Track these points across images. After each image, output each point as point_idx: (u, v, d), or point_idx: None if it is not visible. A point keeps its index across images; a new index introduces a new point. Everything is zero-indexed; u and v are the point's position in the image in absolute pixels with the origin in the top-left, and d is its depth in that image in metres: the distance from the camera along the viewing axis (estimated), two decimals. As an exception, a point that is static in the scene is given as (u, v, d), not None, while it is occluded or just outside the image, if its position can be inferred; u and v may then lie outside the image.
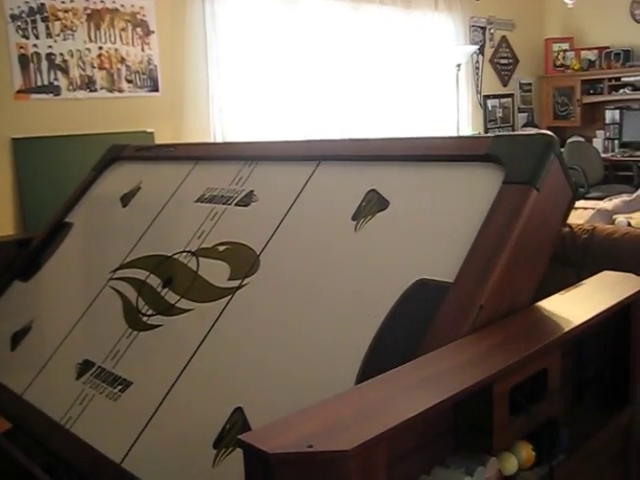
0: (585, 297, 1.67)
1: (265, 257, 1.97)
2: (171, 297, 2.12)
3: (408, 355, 1.36)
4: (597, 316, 1.51)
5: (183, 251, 2.22)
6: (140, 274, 2.29)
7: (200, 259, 2.15)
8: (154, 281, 2.22)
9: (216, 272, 2.06)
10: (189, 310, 2.02)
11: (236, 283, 1.96)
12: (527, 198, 1.53)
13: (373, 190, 1.88)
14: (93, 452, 1.75)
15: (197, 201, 2.38)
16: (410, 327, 1.48)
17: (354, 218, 1.85)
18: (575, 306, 1.59)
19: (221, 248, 2.12)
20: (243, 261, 2.01)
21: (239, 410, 1.59)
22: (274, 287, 1.89)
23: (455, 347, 1.34)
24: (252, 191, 2.23)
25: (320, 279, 1.79)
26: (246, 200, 2.21)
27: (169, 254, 2.27)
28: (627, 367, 1.71)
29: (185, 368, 1.82)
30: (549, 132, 1.58)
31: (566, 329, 1.43)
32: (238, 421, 1.57)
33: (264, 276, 1.93)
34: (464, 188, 1.72)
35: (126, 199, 2.73)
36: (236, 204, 2.23)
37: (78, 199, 2.98)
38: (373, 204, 1.85)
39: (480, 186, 1.66)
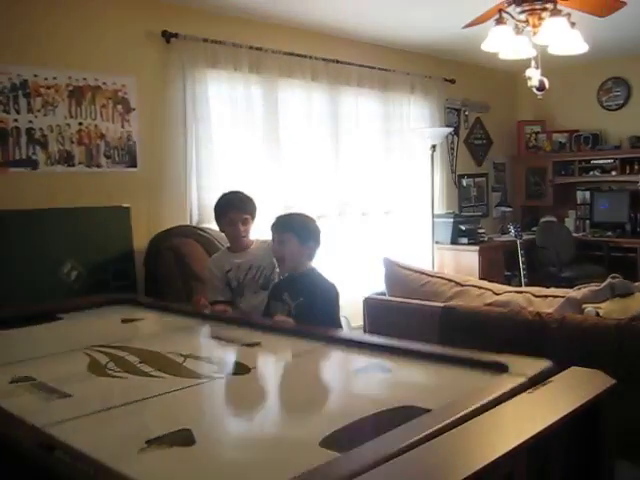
0: (553, 397, 1.67)
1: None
2: (145, 367, 2.13)
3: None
4: (564, 418, 1.51)
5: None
6: (120, 353, 2.30)
7: (189, 359, 2.21)
8: (132, 358, 2.23)
9: (202, 364, 2.15)
10: (158, 377, 2.04)
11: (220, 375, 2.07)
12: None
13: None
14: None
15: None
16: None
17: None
18: (542, 408, 1.59)
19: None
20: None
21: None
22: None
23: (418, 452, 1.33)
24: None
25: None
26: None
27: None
28: (596, 468, 1.71)
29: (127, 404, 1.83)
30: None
31: (532, 433, 1.43)
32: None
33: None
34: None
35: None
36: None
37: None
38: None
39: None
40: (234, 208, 3.28)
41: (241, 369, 2.18)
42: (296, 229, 2.88)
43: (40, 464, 1.46)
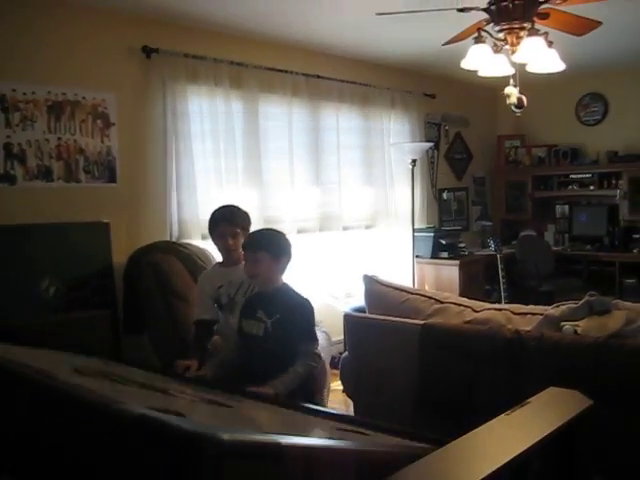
0: (531, 418, 1.68)
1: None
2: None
3: None
4: (542, 440, 1.52)
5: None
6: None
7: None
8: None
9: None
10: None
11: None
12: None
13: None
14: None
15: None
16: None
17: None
18: (520, 430, 1.59)
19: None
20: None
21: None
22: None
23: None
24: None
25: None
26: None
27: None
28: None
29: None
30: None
31: (511, 455, 1.43)
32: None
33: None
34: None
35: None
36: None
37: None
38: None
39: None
40: (224, 221, 3.25)
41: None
42: (269, 247, 2.86)
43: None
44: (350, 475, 1.47)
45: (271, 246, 2.87)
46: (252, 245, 2.91)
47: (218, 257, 3.48)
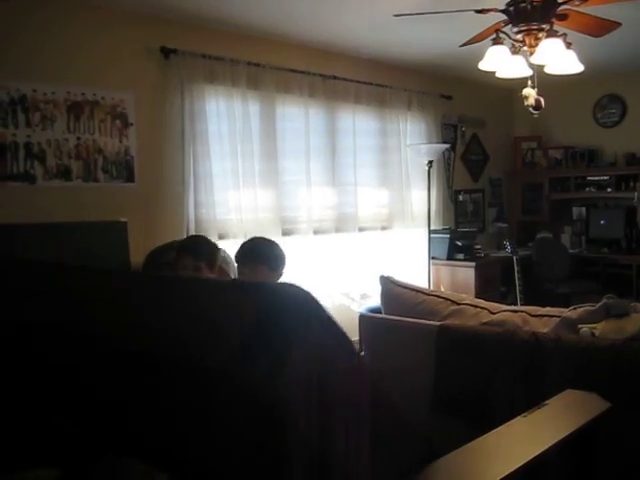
0: (548, 421, 1.68)
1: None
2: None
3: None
4: (559, 442, 1.52)
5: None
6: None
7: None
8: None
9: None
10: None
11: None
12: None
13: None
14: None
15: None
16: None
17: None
18: (537, 432, 1.60)
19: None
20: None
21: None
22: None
23: None
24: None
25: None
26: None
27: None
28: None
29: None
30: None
31: (528, 457, 1.43)
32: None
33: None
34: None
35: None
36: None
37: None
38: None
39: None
40: (185, 252, 3.04)
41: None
42: (267, 259, 2.78)
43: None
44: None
45: (268, 259, 2.80)
46: (248, 259, 2.80)
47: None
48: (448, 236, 6.51)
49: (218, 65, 4.84)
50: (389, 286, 3.46)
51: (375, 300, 3.71)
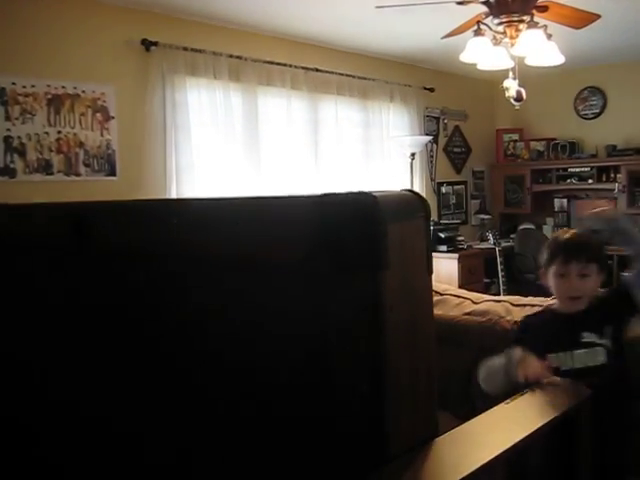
0: (528, 407, 1.69)
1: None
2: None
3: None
4: (539, 429, 1.53)
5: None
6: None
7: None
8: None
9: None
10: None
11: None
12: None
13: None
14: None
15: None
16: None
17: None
18: (519, 418, 1.61)
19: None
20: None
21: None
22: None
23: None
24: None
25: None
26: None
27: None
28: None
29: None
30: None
31: (510, 444, 1.44)
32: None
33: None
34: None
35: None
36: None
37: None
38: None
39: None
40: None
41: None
42: (598, 256, 2.16)
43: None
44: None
45: (599, 256, 2.17)
46: (583, 254, 2.12)
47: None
48: (431, 228, 6.49)
49: (200, 58, 4.81)
50: (372, 277, 3.46)
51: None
